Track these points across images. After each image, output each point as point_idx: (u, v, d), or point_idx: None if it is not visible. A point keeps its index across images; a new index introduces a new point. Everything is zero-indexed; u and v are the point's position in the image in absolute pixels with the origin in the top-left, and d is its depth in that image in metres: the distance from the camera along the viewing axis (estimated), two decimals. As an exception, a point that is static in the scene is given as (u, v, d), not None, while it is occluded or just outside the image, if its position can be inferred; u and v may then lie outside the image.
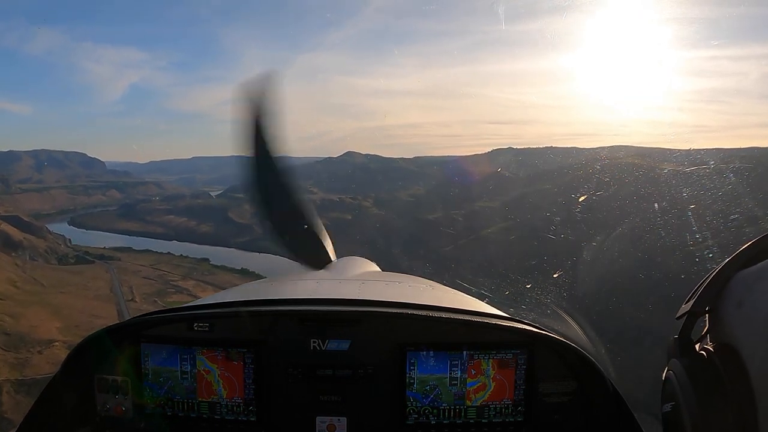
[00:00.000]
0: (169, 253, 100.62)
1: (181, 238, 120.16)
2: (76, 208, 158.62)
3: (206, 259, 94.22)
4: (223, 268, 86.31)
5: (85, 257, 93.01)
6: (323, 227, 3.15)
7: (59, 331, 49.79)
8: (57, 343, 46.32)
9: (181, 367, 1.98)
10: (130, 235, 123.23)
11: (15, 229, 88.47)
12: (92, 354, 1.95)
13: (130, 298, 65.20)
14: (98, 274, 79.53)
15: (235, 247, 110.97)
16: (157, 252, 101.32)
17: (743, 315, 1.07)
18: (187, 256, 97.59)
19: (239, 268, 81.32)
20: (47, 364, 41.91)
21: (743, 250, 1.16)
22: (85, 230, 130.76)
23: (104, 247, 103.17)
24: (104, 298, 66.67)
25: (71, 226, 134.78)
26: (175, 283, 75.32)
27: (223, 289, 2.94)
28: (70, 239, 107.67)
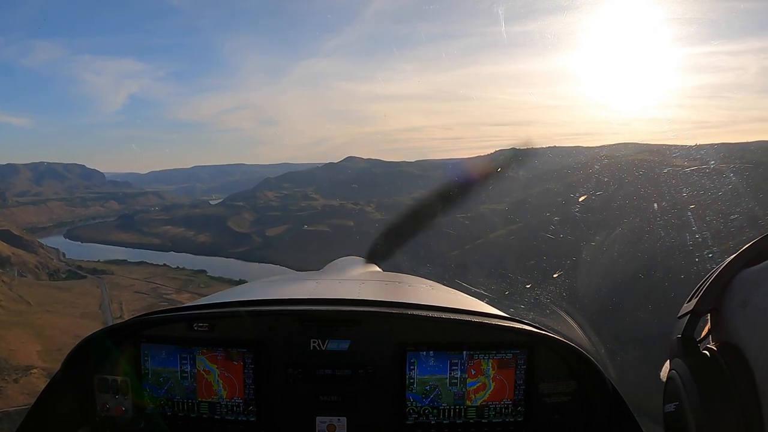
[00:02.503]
0: (165, 264, 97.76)
1: (178, 249, 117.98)
2: (74, 220, 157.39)
3: (203, 271, 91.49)
4: (220, 279, 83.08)
5: (77, 272, 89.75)
6: None
7: (39, 356, 46.45)
8: (35, 370, 42.87)
9: (180, 367, 1.96)
10: (126, 247, 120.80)
11: (4, 243, 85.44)
12: (92, 354, 1.91)
13: (119, 316, 61.79)
14: (88, 289, 76.26)
15: (233, 257, 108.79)
16: (152, 264, 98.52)
17: (748, 314, 1.06)
18: (183, 268, 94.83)
19: (237, 279, 77.94)
20: (22, 394, 38.47)
21: (747, 249, 1.14)
22: (80, 243, 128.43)
23: (98, 260, 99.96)
24: (92, 315, 63.28)
25: (67, 239, 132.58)
26: (168, 297, 72.24)
27: None
28: (64, 253, 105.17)
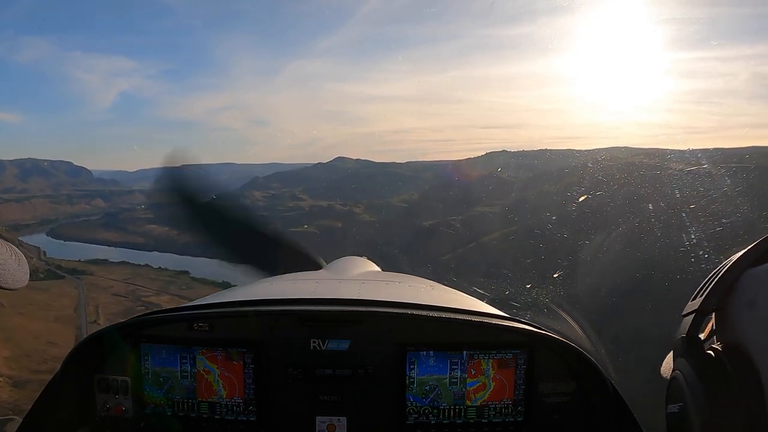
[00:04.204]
0: (147, 265, 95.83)
1: (161, 249, 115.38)
2: (58, 218, 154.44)
3: (186, 272, 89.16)
4: (203, 281, 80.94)
5: (56, 271, 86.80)
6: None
7: (6, 363, 43.83)
8: (0, 379, 40.60)
9: (180, 367, 1.98)
10: (109, 246, 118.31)
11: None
12: (92, 354, 1.96)
13: (93, 320, 59.59)
14: (65, 290, 73.79)
15: (218, 258, 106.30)
16: (134, 264, 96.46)
17: (755, 314, 1.05)
18: (165, 269, 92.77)
19: (220, 281, 75.86)
20: (-17, 404, 36.16)
21: (753, 248, 1.12)
22: (63, 241, 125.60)
23: (79, 260, 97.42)
24: (65, 319, 61.07)
25: (49, 237, 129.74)
26: (147, 300, 70.10)
27: None
28: (45, 251, 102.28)
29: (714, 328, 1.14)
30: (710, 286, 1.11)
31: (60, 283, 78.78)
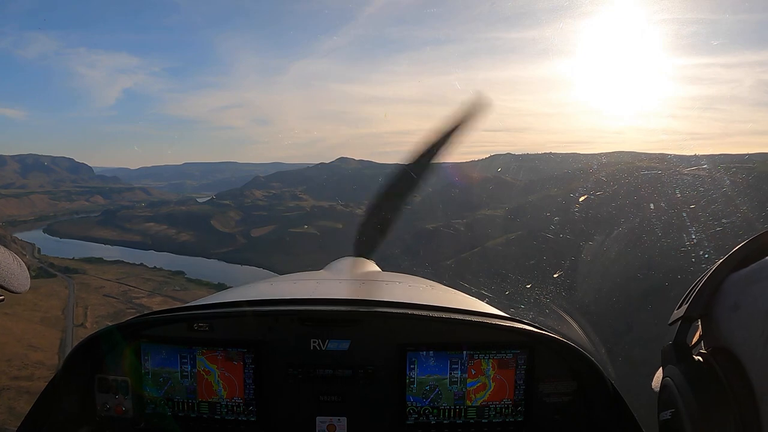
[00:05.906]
0: (142, 264, 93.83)
1: (158, 248, 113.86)
2: (56, 215, 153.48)
3: (181, 272, 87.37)
4: (198, 282, 79.32)
5: (48, 270, 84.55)
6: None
7: (-15, 369, 41.90)
8: (-23, 387, 38.40)
9: (181, 367, 1.96)
10: (106, 244, 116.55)
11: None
12: (92, 354, 1.94)
13: (81, 323, 57.48)
14: (55, 290, 71.48)
15: (215, 258, 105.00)
16: (129, 263, 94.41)
17: (740, 318, 1.06)
18: (161, 268, 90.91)
19: (216, 282, 74.12)
20: (-45, 413, 34.11)
21: (735, 252, 1.14)
22: (59, 238, 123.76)
23: (73, 258, 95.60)
24: (51, 321, 58.86)
25: (46, 234, 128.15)
26: (138, 302, 68.03)
27: None
28: (39, 248, 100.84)
29: (701, 334, 1.14)
30: (695, 293, 1.13)
31: (51, 281, 76.44)
